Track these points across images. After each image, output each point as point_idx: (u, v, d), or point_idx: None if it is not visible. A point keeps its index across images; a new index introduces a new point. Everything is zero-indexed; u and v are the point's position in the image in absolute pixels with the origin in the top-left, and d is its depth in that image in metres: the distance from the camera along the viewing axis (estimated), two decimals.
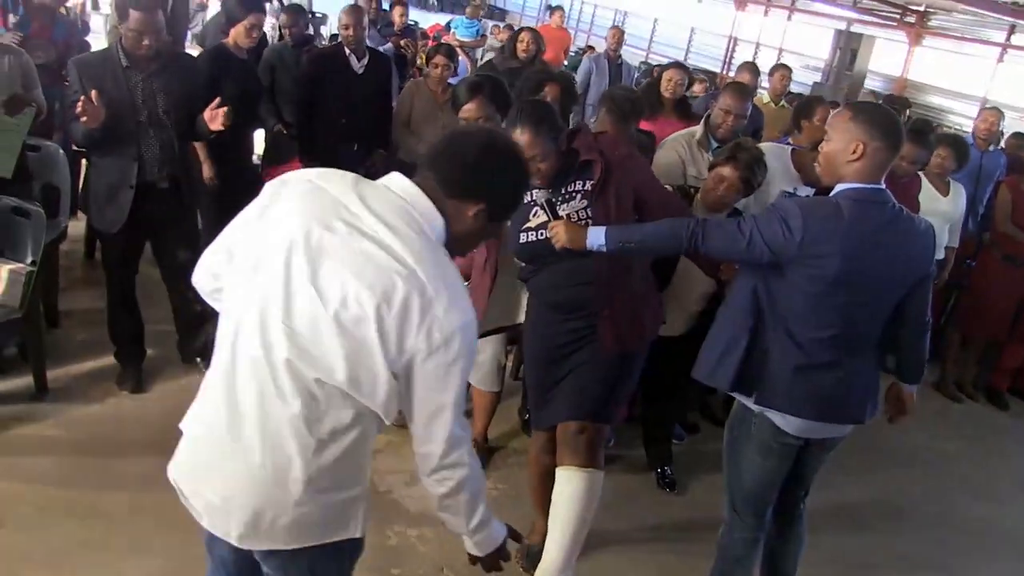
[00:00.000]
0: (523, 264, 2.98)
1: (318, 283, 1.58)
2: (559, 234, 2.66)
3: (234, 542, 1.74)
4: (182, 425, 1.81)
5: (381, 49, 6.03)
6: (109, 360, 3.88)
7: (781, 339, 2.53)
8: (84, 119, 3.15)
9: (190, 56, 4.14)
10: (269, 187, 1.72)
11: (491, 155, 1.73)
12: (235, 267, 1.71)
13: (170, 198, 3.59)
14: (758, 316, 2.55)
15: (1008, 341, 5.51)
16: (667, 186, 3.34)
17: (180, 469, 1.81)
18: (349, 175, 1.70)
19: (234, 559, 1.89)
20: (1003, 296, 5.34)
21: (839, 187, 2.47)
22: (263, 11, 4.49)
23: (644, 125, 4.56)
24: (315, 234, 1.60)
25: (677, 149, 4.04)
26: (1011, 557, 3.95)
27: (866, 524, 3.92)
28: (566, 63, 10.10)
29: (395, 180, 1.70)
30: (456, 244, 1.74)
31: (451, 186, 1.69)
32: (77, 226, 4.89)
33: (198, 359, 3.98)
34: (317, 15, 10.12)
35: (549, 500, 2.91)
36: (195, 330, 3.95)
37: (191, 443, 1.80)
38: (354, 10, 4.96)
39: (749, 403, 2.64)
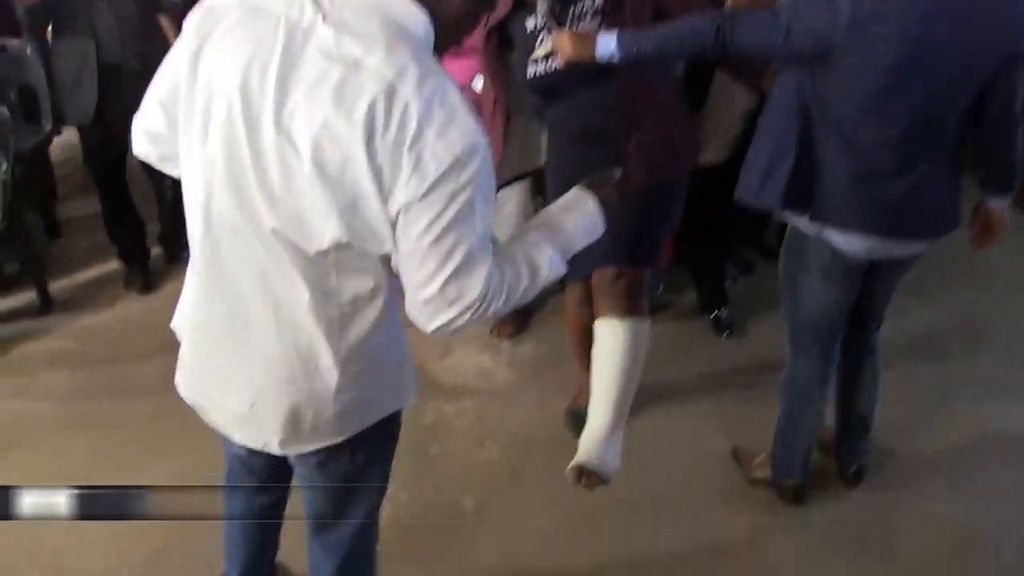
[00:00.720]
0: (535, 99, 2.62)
1: (285, 129, 1.23)
2: (564, 46, 2.28)
3: (276, 451, 1.49)
4: (174, 325, 1.55)
5: None
6: (114, 265, 3.69)
7: (835, 144, 2.16)
8: None
9: None
10: (192, 22, 1.35)
11: None
12: (180, 130, 1.37)
13: (142, 80, 3.26)
14: (806, 119, 2.16)
15: None
16: None
17: (190, 382, 1.56)
18: None
19: (253, 455, 1.65)
20: None
21: None
22: None
23: None
24: (269, 71, 1.24)
25: None
26: None
27: (943, 349, 3.59)
28: None
29: None
30: (443, 35, 1.34)
31: None
32: (73, 132, 4.63)
33: (185, 253, 3.74)
34: None
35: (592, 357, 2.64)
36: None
37: (195, 350, 1.53)
38: None
39: (803, 224, 2.30)
